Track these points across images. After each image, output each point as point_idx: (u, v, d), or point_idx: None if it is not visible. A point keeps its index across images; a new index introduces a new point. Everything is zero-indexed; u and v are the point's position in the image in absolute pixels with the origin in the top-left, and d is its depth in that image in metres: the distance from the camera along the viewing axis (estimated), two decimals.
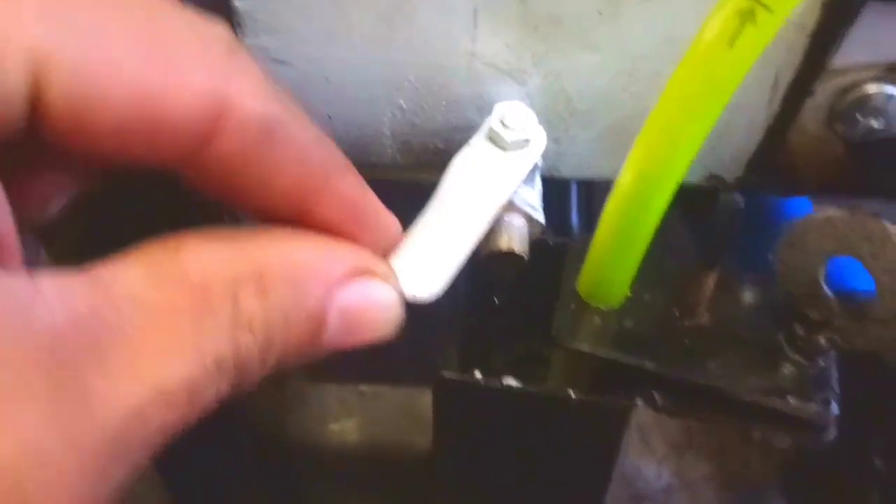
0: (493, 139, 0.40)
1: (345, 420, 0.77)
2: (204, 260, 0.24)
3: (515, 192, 0.41)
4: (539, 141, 0.41)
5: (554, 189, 0.57)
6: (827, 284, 0.36)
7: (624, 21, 0.38)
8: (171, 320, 0.23)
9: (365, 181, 0.30)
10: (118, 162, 0.25)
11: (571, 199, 0.59)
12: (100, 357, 0.21)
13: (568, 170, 0.46)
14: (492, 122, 0.40)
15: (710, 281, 0.39)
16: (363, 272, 0.28)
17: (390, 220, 0.32)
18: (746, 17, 0.29)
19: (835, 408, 0.37)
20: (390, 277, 0.30)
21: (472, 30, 0.39)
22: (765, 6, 0.29)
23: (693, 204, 0.39)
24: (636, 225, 0.36)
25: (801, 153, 0.43)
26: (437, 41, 0.39)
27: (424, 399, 0.61)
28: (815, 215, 0.36)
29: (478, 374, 0.50)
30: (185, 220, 0.26)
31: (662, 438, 0.81)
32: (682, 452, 0.80)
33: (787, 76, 0.40)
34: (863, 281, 0.36)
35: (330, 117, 0.43)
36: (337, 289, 0.27)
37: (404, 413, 0.77)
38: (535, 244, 0.43)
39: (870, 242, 0.34)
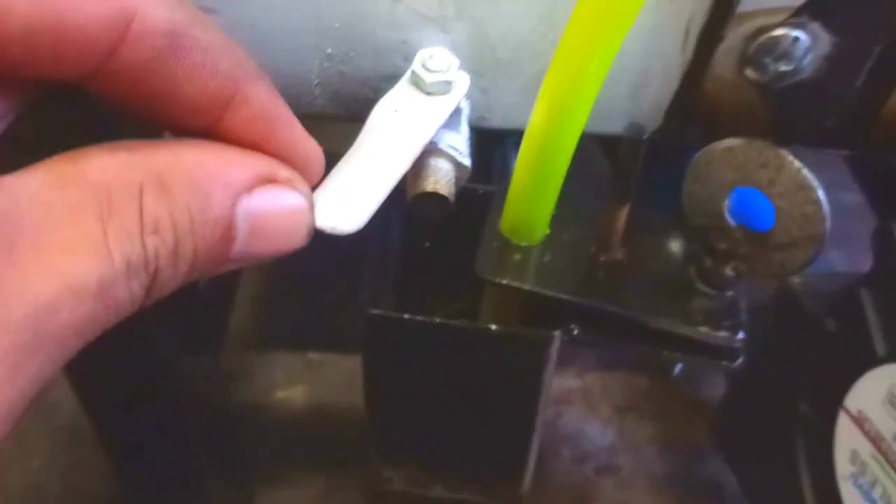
0: (416, 83, 0.41)
1: (291, 388, 0.78)
2: (105, 163, 0.25)
3: (441, 136, 0.42)
4: (462, 84, 0.42)
5: (494, 139, 0.58)
6: (732, 215, 0.38)
7: None
8: (74, 218, 0.23)
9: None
10: (26, 75, 0.25)
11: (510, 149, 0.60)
12: (9, 254, 0.22)
13: (498, 120, 0.47)
14: (414, 66, 0.41)
15: (622, 216, 0.40)
16: (269, 179, 0.29)
17: (310, 147, 0.33)
18: None
19: (742, 334, 0.39)
20: (297, 183, 0.31)
21: None
22: None
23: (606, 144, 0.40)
24: (549, 161, 0.37)
25: (717, 100, 0.44)
26: None
27: None
28: (716, 145, 0.37)
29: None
30: None
31: (607, 402, 0.83)
32: (624, 415, 0.82)
33: (698, 22, 0.42)
34: (766, 215, 0.37)
35: (259, 67, 0.43)
36: (243, 195, 0.27)
37: (352, 380, 0.78)
38: (465, 192, 0.44)
39: (766, 169, 0.35)
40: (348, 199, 0.35)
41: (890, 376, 0.46)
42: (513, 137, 0.66)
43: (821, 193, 0.35)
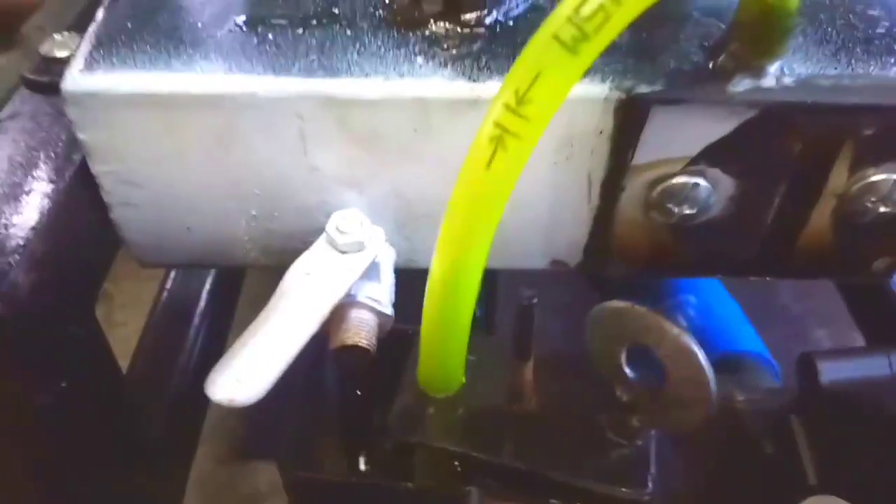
0: (331, 243, 0.43)
1: (272, 499, 0.79)
2: None
3: (361, 288, 0.44)
4: (376, 240, 0.44)
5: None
6: (631, 368, 0.39)
7: (437, 136, 0.41)
8: None
9: None
10: None
11: None
12: None
13: (425, 262, 0.48)
14: (328, 228, 0.43)
15: (528, 371, 0.41)
16: None
17: None
18: (497, 143, 0.32)
19: (650, 487, 0.39)
20: None
21: (302, 148, 0.42)
22: (512, 133, 0.32)
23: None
24: (452, 316, 0.39)
25: (630, 239, 0.46)
26: (273, 158, 0.42)
27: None
28: (605, 306, 0.39)
29: (362, 466, 0.52)
30: None
31: None
32: None
33: (598, 175, 0.43)
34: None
35: (189, 229, 0.46)
36: None
37: None
38: (396, 333, 0.46)
39: (650, 332, 0.36)
40: (247, 372, 0.37)
41: None
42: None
43: (701, 358, 0.36)
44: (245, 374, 0.37)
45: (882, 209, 0.44)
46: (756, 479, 0.49)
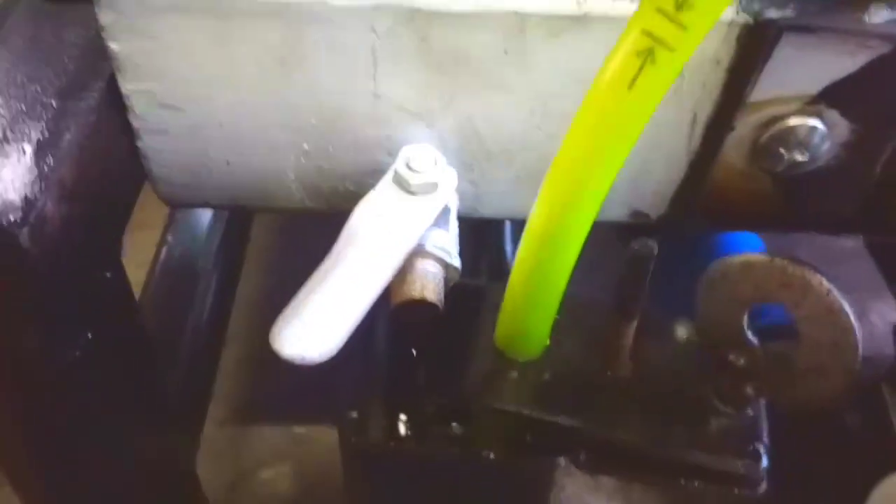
0: (400, 183, 0.38)
1: (278, 466, 0.74)
2: None
3: (428, 237, 0.39)
4: (449, 183, 0.39)
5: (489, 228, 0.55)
6: (752, 333, 0.35)
7: (531, 60, 0.36)
8: None
9: None
10: None
11: (506, 237, 0.56)
12: None
13: (488, 210, 0.44)
14: (397, 165, 0.38)
15: (630, 331, 0.37)
16: None
17: None
18: (646, 56, 0.27)
19: (765, 461, 0.35)
20: None
21: (372, 71, 0.36)
22: (665, 45, 0.27)
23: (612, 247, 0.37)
24: (549, 270, 0.34)
25: (726, 188, 0.41)
26: (336, 83, 0.37)
27: None
28: (733, 260, 0.34)
29: (402, 429, 0.47)
30: None
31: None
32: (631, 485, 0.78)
33: (705, 112, 0.38)
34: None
35: (229, 163, 0.40)
36: None
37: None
38: (455, 288, 0.41)
39: (790, 290, 0.32)
40: (318, 326, 0.32)
41: None
42: (504, 224, 0.63)
43: (853, 319, 0.32)
44: (316, 327, 0.32)
45: None
46: (844, 453, 0.45)
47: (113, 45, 0.35)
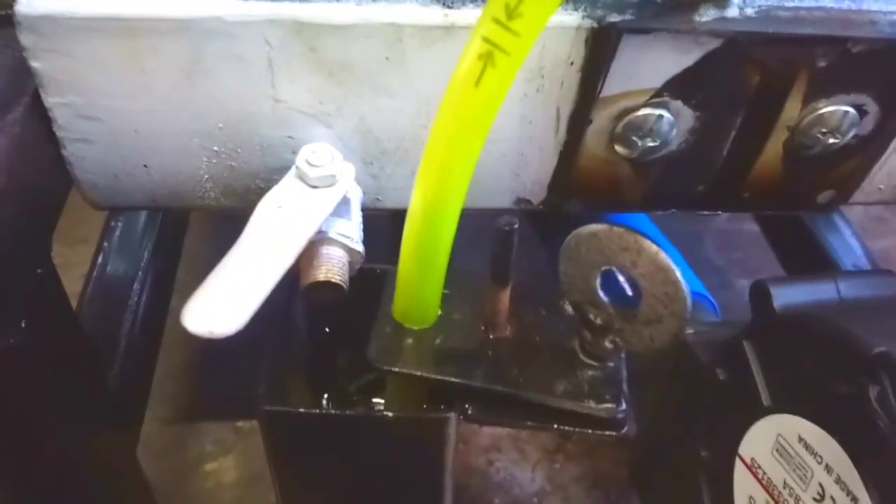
0: (301, 177, 0.43)
1: (221, 459, 0.78)
2: None
3: (331, 225, 0.44)
4: (347, 175, 0.44)
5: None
6: (604, 291, 0.40)
7: (411, 66, 0.41)
8: None
9: None
10: None
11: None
12: None
13: (391, 202, 0.49)
14: (298, 161, 0.42)
15: (505, 298, 0.42)
16: None
17: None
18: (486, 59, 0.32)
19: (623, 405, 0.40)
20: None
21: (270, 78, 0.41)
22: (502, 49, 0.32)
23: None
24: (430, 248, 0.39)
25: (592, 174, 0.47)
26: (239, 90, 0.41)
27: None
28: (582, 230, 0.39)
29: (324, 401, 0.52)
30: None
31: (535, 446, 0.84)
32: (553, 457, 0.83)
33: (567, 108, 0.44)
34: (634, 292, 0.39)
35: (146, 167, 0.44)
36: None
37: None
38: (364, 272, 0.45)
39: (628, 252, 0.38)
40: (225, 302, 0.37)
41: (776, 426, 0.48)
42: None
43: (678, 274, 0.37)
44: (223, 304, 0.36)
45: (830, 140, 0.46)
46: (712, 402, 0.51)
47: (35, 64, 0.39)
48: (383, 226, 0.51)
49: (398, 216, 0.40)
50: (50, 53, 0.39)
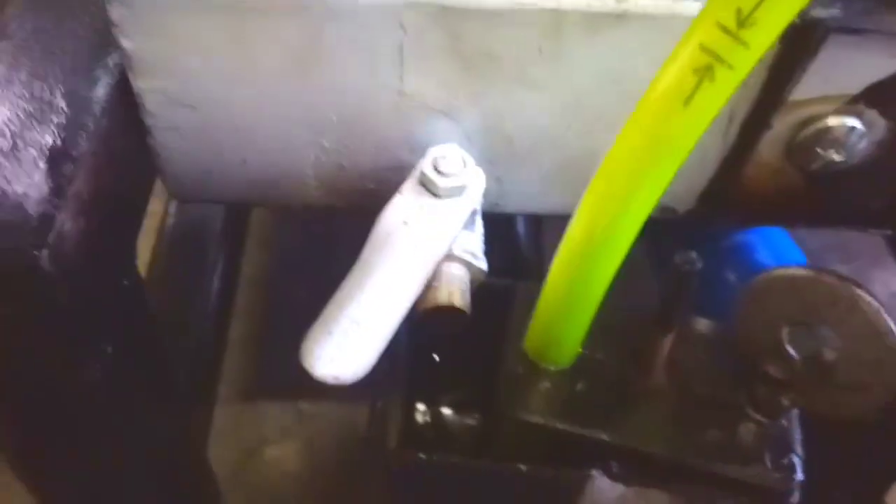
0: (426, 185, 0.36)
1: (285, 444, 0.73)
2: None
3: (455, 239, 0.38)
4: (477, 185, 0.37)
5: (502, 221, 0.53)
6: (792, 345, 0.34)
7: (566, 58, 0.34)
8: None
9: None
10: None
11: (519, 232, 0.55)
12: None
13: (511, 206, 0.43)
14: (424, 167, 0.36)
15: (667, 343, 0.36)
16: None
17: None
18: (703, 73, 0.26)
19: (799, 473, 0.35)
20: None
21: (398, 69, 0.35)
22: (725, 63, 0.25)
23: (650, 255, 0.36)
24: (589, 282, 0.33)
25: (757, 185, 0.40)
26: (359, 80, 0.35)
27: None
28: (777, 274, 0.33)
29: (420, 418, 0.46)
30: None
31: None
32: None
33: (743, 110, 0.37)
34: None
35: (244, 161, 0.38)
36: None
37: (347, 432, 0.73)
38: (480, 287, 0.39)
39: (836, 308, 0.31)
40: (351, 346, 0.31)
41: None
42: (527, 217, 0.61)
43: None
44: (350, 348, 0.31)
45: None
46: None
47: (125, 42, 0.33)
48: None
49: None
50: (143, 31, 0.33)
